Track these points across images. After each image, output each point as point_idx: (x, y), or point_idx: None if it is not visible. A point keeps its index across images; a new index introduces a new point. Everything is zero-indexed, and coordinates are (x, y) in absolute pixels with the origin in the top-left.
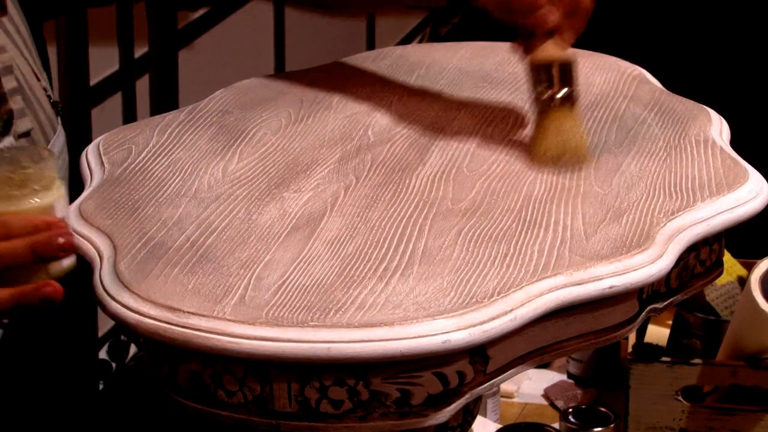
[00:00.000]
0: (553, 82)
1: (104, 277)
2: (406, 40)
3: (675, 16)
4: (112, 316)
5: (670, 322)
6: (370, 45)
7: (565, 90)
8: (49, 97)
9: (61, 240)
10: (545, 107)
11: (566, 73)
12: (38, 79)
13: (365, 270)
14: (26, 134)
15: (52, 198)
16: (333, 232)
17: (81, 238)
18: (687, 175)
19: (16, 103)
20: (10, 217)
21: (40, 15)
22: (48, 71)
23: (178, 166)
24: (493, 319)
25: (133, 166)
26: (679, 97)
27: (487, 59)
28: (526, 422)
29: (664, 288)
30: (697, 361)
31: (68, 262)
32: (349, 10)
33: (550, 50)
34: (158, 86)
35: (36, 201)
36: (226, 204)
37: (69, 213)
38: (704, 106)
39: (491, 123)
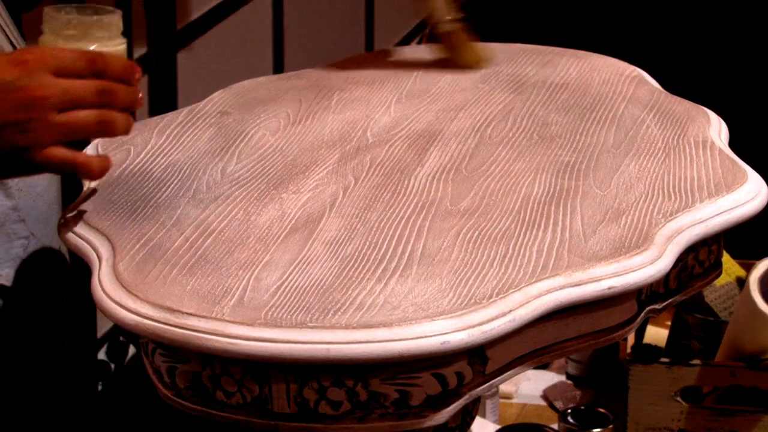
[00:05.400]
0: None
1: (103, 278)
2: (404, 41)
3: (674, 17)
4: (111, 317)
5: (669, 323)
6: (369, 46)
7: (455, 16)
8: None
9: (140, 95)
10: (444, 31)
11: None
12: (14, 48)
13: (364, 271)
14: None
15: (124, 45)
16: (332, 233)
17: (79, 239)
18: (686, 176)
19: None
20: (108, 55)
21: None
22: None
23: (176, 167)
24: (492, 320)
25: (131, 167)
26: (678, 98)
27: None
28: (524, 423)
29: (663, 289)
30: (696, 361)
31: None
32: None
33: None
34: (157, 87)
35: (113, 46)
36: (224, 205)
37: None
38: (703, 107)
39: (490, 123)
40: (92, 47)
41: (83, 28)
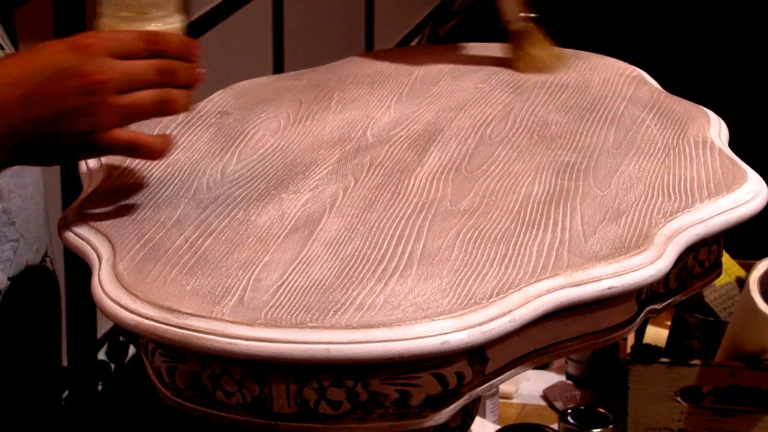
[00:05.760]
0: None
1: (103, 278)
2: (405, 41)
3: (674, 17)
4: (111, 317)
5: (669, 323)
6: (369, 46)
7: (527, 14)
8: None
9: (201, 70)
10: (516, 29)
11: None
12: (2, 48)
13: (364, 271)
14: None
15: (181, 23)
16: (332, 233)
17: (79, 240)
18: (686, 176)
19: None
20: (166, 33)
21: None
22: (15, 45)
23: (176, 167)
24: (492, 320)
25: (131, 167)
26: (678, 98)
27: (486, 60)
28: (524, 423)
29: (663, 289)
30: (695, 362)
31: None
32: None
33: None
34: None
35: (171, 24)
36: (224, 205)
37: None
38: (703, 107)
39: (490, 124)
40: (150, 27)
41: (140, 9)
